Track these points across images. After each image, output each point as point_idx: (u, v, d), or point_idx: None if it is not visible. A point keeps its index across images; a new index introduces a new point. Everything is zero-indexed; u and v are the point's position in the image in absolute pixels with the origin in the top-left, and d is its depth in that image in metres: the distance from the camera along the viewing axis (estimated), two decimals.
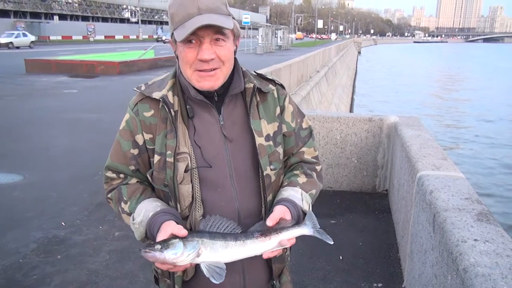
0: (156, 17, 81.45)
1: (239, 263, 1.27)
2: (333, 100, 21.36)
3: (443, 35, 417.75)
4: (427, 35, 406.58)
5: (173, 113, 1.26)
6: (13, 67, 17.70)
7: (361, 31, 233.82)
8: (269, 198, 1.33)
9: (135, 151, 1.32)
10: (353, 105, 28.95)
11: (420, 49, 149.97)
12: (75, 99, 10.87)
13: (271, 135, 1.34)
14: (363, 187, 4.73)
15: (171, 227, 1.17)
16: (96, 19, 67.34)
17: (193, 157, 1.26)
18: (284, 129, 1.40)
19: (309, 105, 13.65)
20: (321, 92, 17.83)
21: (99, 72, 16.85)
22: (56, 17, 56.18)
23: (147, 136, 1.30)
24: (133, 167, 1.34)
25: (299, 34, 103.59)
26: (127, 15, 75.95)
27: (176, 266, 1.14)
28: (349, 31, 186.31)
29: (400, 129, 3.97)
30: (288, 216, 1.25)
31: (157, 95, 1.27)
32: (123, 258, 3.21)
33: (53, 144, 6.56)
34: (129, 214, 1.29)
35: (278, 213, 1.24)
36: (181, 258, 1.11)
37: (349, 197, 4.58)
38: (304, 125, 1.46)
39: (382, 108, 26.80)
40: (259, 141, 1.30)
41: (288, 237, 1.22)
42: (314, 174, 1.44)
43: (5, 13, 50.30)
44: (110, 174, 1.37)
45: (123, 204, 1.32)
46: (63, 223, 3.77)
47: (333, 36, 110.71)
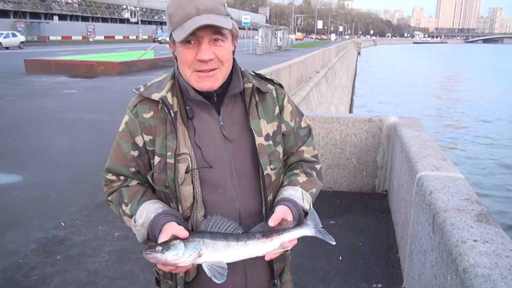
0: (156, 17, 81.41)
1: (240, 264, 1.27)
2: (332, 100, 21.36)
3: (443, 36, 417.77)
4: (426, 35, 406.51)
5: (172, 114, 1.25)
6: (13, 67, 17.69)
7: (360, 32, 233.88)
8: (270, 197, 1.33)
9: (135, 153, 1.32)
10: (352, 106, 28.96)
11: (419, 50, 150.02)
12: (75, 99, 10.86)
13: (271, 134, 1.34)
14: (363, 188, 4.74)
15: (172, 228, 1.17)
16: (96, 19, 67.30)
17: (193, 158, 1.26)
18: (283, 129, 1.40)
19: (309, 106, 13.65)
20: (320, 92, 17.83)
21: (98, 72, 16.84)
22: (55, 17, 56.15)
23: (147, 137, 1.29)
24: (133, 169, 1.34)
25: (299, 34, 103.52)
26: (127, 15, 75.90)
27: (178, 267, 1.14)
28: (349, 31, 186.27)
29: (399, 129, 3.97)
30: (289, 216, 1.25)
31: (156, 96, 1.27)
32: (122, 258, 3.21)
33: (53, 144, 6.56)
34: (130, 216, 1.29)
35: (279, 213, 1.24)
36: (183, 259, 1.11)
37: (348, 197, 4.58)
38: (303, 124, 1.47)
39: (381, 108, 26.81)
40: (259, 141, 1.30)
41: (289, 238, 1.22)
42: (314, 173, 1.45)
43: (4, 13, 50.23)
44: (110, 176, 1.37)
45: (124, 206, 1.31)
46: (63, 224, 3.77)
47: (333, 36, 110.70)
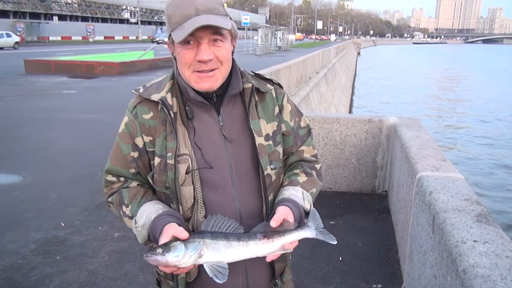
0: (155, 18, 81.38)
1: (241, 264, 1.27)
2: (332, 101, 21.36)
3: (443, 36, 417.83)
4: (426, 36, 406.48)
5: (172, 115, 1.25)
6: (13, 68, 17.69)
7: (360, 32, 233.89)
8: (270, 197, 1.33)
9: (135, 154, 1.31)
10: (352, 106, 28.96)
11: (419, 50, 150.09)
12: (75, 100, 10.86)
13: (271, 134, 1.35)
14: (363, 188, 4.74)
15: (172, 229, 1.16)
16: (95, 19, 67.25)
17: (193, 158, 1.26)
18: (283, 128, 1.40)
19: (309, 106, 13.65)
20: (320, 93, 17.83)
21: (98, 72, 16.84)
22: (55, 18, 56.09)
23: (147, 138, 1.29)
24: (133, 170, 1.33)
25: (298, 35, 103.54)
26: (126, 15, 75.88)
27: (179, 268, 1.14)
28: (349, 32, 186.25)
29: (399, 130, 3.97)
30: (290, 217, 1.25)
31: (155, 97, 1.27)
32: (122, 259, 3.21)
33: (53, 144, 6.56)
34: (131, 217, 1.29)
35: (281, 214, 1.24)
36: (183, 260, 1.11)
37: (348, 198, 4.58)
38: (302, 124, 1.47)
39: (381, 109, 26.83)
40: (259, 141, 1.30)
41: (291, 240, 1.22)
42: (314, 172, 1.45)
43: (4, 14, 50.18)
44: (110, 177, 1.37)
45: (124, 207, 1.31)
46: (63, 224, 3.77)
47: (333, 37, 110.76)
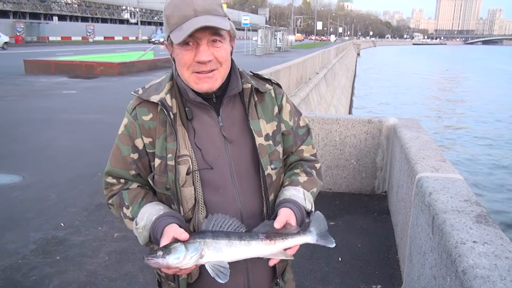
0: (155, 18, 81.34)
1: (243, 264, 1.27)
2: (332, 101, 21.37)
3: (442, 37, 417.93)
4: (426, 37, 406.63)
5: (172, 116, 1.25)
6: (12, 68, 17.67)
7: (360, 33, 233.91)
8: (271, 197, 1.34)
9: (135, 156, 1.31)
10: (352, 107, 28.96)
11: (419, 51, 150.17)
12: (75, 100, 10.85)
13: (270, 134, 1.35)
14: (362, 189, 4.74)
15: (173, 231, 1.16)
16: (95, 20, 67.21)
17: (194, 159, 1.26)
18: (282, 128, 1.41)
19: (308, 107, 13.65)
20: (320, 93, 17.83)
21: (98, 73, 16.83)
22: (55, 18, 56.05)
23: (147, 140, 1.29)
24: (133, 172, 1.33)
25: (298, 35, 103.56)
26: (126, 16, 75.84)
27: (181, 269, 1.14)
28: (348, 33, 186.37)
29: (399, 131, 3.97)
30: (293, 218, 1.26)
31: (155, 98, 1.27)
32: (122, 259, 3.21)
33: (53, 144, 6.55)
34: (132, 219, 1.29)
35: (284, 216, 1.24)
36: (184, 261, 1.11)
37: (348, 198, 4.58)
38: (301, 123, 1.48)
39: (381, 109, 26.84)
40: (259, 141, 1.31)
41: (292, 244, 1.22)
42: (314, 172, 1.46)
43: (4, 14, 50.13)
44: (110, 179, 1.36)
45: (125, 209, 1.31)
46: (62, 224, 3.77)
47: (332, 38, 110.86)
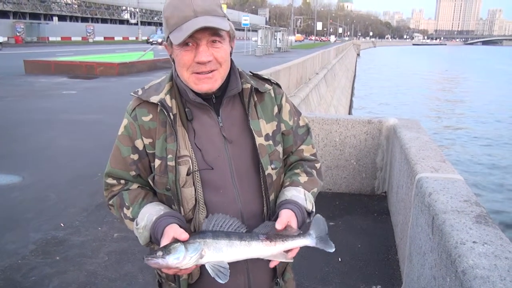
0: (155, 18, 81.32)
1: (243, 264, 1.28)
2: (332, 102, 21.38)
3: (442, 38, 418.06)
4: (426, 37, 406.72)
5: (172, 117, 1.25)
6: (12, 68, 17.67)
7: (360, 34, 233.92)
8: (271, 197, 1.34)
9: (135, 157, 1.31)
10: (352, 107, 28.97)
11: (419, 52, 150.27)
12: (75, 100, 10.86)
13: (270, 134, 1.35)
14: (362, 189, 4.74)
15: (173, 231, 1.16)
16: (95, 20, 67.23)
17: (194, 160, 1.26)
18: (282, 128, 1.41)
19: (308, 107, 13.65)
20: (320, 94, 17.84)
21: (98, 73, 16.83)
22: (55, 18, 56.07)
23: (147, 140, 1.29)
24: (133, 173, 1.33)
25: (298, 36, 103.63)
26: (126, 16, 75.84)
27: (181, 270, 1.14)
28: (348, 33, 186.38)
29: (399, 131, 3.98)
30: (294, 220, 1.26)
31: (155, 99, 1.27)
32: (122, 259, 3.21)
33: (52, 145, 6.56)
34: (132, 219, 1.28)
35: (285, 217, 1.24)
36: (184, 261, 1.11)
37: (348, 199, 4.58)
38: (301, 123, 1.48)
39: (381, 110, 26.85)
40: (259, 141, 1.31)
41: (292, 246, 1.23)
42: (314, 172, 1.46)
43: (4, 14, 50.14)
44: (110, 180, 1.36)
45: (125, 210, 1.31)
46: (62, 224, 3.77)
47: (332, 38, 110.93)
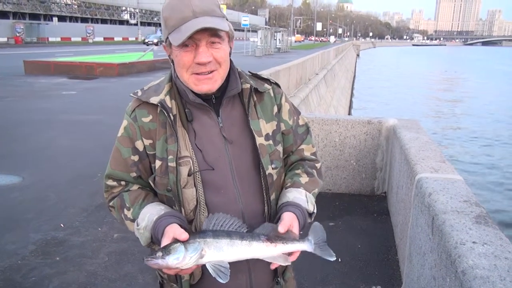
0: (155, 19, 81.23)
1: (245, 264, 1.28)
2: (332, 102, 21.39)
3: (442, 38, 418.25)
4: (425, 38, 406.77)
5: (172, 118, 1.25)
6: (12, 68, 17.66)
7: (360, 34, 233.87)
8: (272, 197, 1.34)
9: (136, 158, 1.31)
10: (351, 108, 28.99)
11: (418, 52, 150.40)
12: (74, 101, 10.86)
13: (270, 134, 1.35)
14: (362, 190, 4.74)
15: (173, 231, 1.16)
16: (95, 20, 67.21)
17: (194, 160, 1.26)
18: (282, 127, 1.41)
19: (308, 108, 13.65)
20: (320, 94, 17.85)
21: (98, 73, 16.82)
22: (55, 19, 56.01)
23: (147, 141, 1.29)
24: (134, 174, 1.33)
25: (298, 36, 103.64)
26: (126, 17, 75.80)
27: (182, 270, 1.14)
28: (348, 34, 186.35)
29: (399, 131, 3.98)
30: (296, 223, 1.26)
31: (154, 100, 1.27)
32: (122, 260, 3.21)
33: (52, 145, 6.55)
34: (133, 220, 1.28)
35: (288, 220, 1.25)
36: (184, 262, 1.11)
37: (347, 199, 4.59)
38: (300, 122, 1.48)
39: (380, 110, 26.86)
40: (259, 140, 1.31)
41: (291, 250, 1.23)
42: (314, 172, 1.46)
43: (4, 15, 50.10)
44: (110, 182, 1.36)
45: (126, 210, 1.30)
46: (62, 225, 3.77)
47: (332, 38, 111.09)
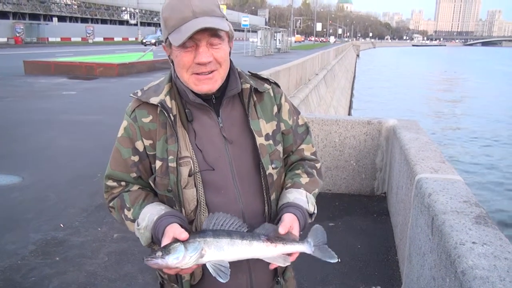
0: (155, 19, 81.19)
1: (245, 264, 1.28)
2: (331, 103, 21.39)
3: (442, 39, 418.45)
4: (425, 38, 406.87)
5: (172, 118, 1.25)
6: (12, 69, 17.65)
7: (359, 34, 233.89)
8: (273, 197, 1.34)
9: (136, 158, 1.31)
10: (351, 108, 29.00)
11: (418, 52, 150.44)
12: (74, 101, 10.86)
13: (270, 134, 1.35)
14: (362, 190, 4.74)
15: (173, 230, 1.16)
16: (95, 21, 67.20)
17: (195, 161, 1.26)
18: (282, 127, 1.41)
19: (308, 108, 13.66)
20: (319, 95, 17.85)
21: (98, 74, 16.81)
22: (55, 19, 55.99)
23: (147, 142, 1.29)
24: (134, 174, 1.33)
25: (298, 37, 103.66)
26: (126, 17, 75.78)
27: (182, 269, 1.14)
28: (348, 34, 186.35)
29: (398, 132, 3.98)
30: (296, 224, 1.26)
31: (154, 100, 1.27)
32: (121, 260, 3.21)
33: (52, 145, 6.55)
34: (133, 220, 1.28)
35: (288, 221, 1.25)
36: (184, 261, 1.11)
37: (347, 199, 4.59)
38: (300, 122, 1.49)
39: (380, 111, 26.86)
40: (260, 140, 1.31)
41: (291, 251, 1.23)
42: (315, 172, 1.46)
43: (4, 15, 50.09)
44: (110, 183, 1.36)
45: (126, 211, 1.30)
46: (62, 225, 3.77)
47: (332, 39, 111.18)
